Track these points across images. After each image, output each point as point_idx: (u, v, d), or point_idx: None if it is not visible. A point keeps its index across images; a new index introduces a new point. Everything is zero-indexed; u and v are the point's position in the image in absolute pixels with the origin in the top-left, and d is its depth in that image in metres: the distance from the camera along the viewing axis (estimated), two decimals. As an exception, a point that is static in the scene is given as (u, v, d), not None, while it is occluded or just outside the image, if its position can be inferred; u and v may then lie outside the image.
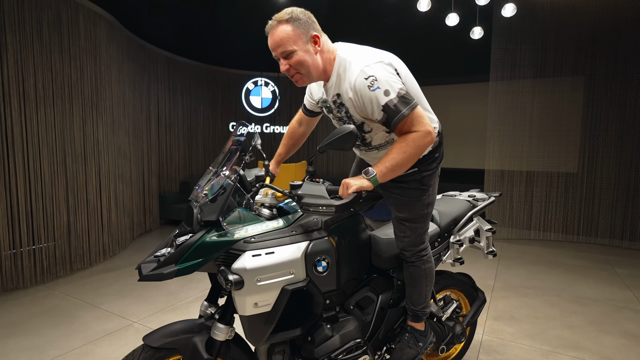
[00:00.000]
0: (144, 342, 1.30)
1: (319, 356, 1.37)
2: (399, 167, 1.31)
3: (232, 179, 1.27)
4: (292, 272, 1.25)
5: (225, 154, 1.42)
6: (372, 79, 1.27)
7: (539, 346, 2.50)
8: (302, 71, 1.35)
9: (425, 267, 1.65)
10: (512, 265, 4.19)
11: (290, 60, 1.33)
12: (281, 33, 1.31)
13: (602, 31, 4.92)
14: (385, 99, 1.27)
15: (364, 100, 1.30)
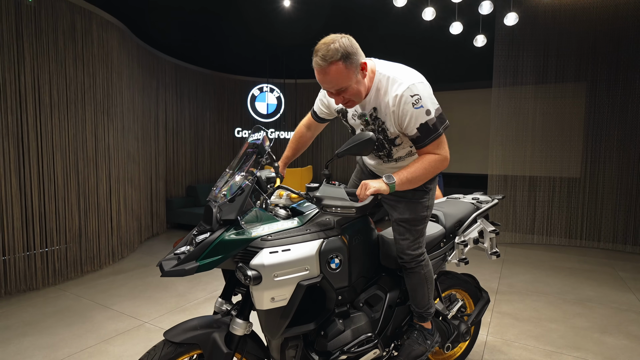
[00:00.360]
0: (165, 337, 1.36)
1: (332, 349, 1.43)
2: (416, 181, 1.42)
3: (249, 180, 1.35)
4: (307, 269, 1.32)
5: (241, 156, 1.49)
6: (417, 97, 1.36)
7: (543, 347, 2.55)
8: (355, 99, 1.42)
9: (424, 271, 1.69)
10: (516, 269, 4.23)
11: (345, 94, 1.39)
12: (335, 73, 1.33)
13: (602, 38, 5.00)
14: (425, 118, 1.38)
15: (406, 115, 1.38)
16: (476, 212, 2.21)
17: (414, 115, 1.38)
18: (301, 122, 1.91)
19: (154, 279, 3.85)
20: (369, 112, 1.50)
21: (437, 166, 1.43)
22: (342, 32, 1.43)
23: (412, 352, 1.73)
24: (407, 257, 1.65)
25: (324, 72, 1.34)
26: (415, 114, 1.37)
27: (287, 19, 5.90)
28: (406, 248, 1.65)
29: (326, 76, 1.35)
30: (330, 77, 1.34)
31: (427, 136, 1.40)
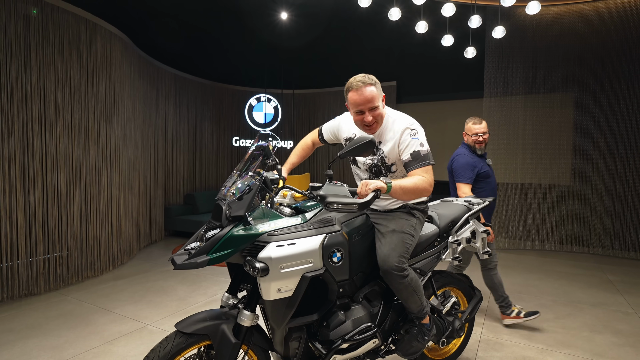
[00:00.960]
0: (176, 328, 1.44)
1: (334, 338, 1.52)
2: (406, 191, 1.61)
3: (256, 180, 1.45)
4: (311, 261, 1.42)
5: (247, 158, 1.60)
6: (414, 132, 1.72)
7: (535, 345, 2.64)
8: (379, 120, 1.74)
9: (412, 283, 1.72)
10: (509, 273, 4.34)
11: (374, 113, 1.70)
12: (370, 93, 1.67)
13: (588, 51, 5.22)
14: (418, 148, 1.69)
15: (405, 142, 1.70)
16: (468, 213, 2.32)
17: (411, 144, 1.70)
18: (307, 136, 2.17)
19: (154, 284, 3.90)
20: (375, 142, 1.69)
21: (424, 186, 1.65)
22: (339, 44, 1.60)
23: (410, 348, 1.81)
24: (385, 267, 1.66)
25: (362, 90, 1.67)
26: (411, 143, 1.70)
27: (284, 31, 6.07)
28: (387, 257, 1.67)
29: (363, 94, 1.67)
30: (366, 95, 1.66)
31: (417, 161, 1.68)
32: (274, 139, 1.64)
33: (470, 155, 2.88)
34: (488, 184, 2.90)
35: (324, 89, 7.72)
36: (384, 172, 1.83)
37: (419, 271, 2.03)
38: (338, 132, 1.98)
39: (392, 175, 1.81)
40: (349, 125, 1.92)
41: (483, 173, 2.86)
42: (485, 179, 2.89)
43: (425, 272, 2.06)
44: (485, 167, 2.89)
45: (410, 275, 1.69)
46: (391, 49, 6.41)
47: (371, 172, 1.88)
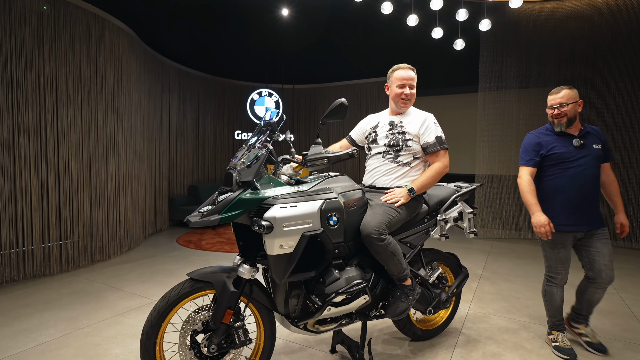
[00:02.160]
0: (188, 276, 1.65)
1: (329, 293, 1.71)
2: (428, 184, 2.07)
3: (264, 151, 1.64)
4: (310, 222, 1.61)
5: (256, 133, 1.79)
6: (436, 122, 2.15)
7: (518, 318, 2.82)
8: (412, 98, 2.16)
9: (389, 247, 1.88)
10: (500, 259, 4.52)
11: (412, 90, 2.15)
12: (413, 74, 2.16)
13: (580, 46, 5.38)
14: (441, 134, 2.12)
15: (430, 128, 2.10)
16: (455, 194, 2.50)
17: (435, 129, 2.11)
18: (337, 143, 2.47)
19: (161, 267, 4.09)
20: (397, 121, 2.18)
21: (441, 172, 2.07)
22: (338, 40, 1.83)
23: (397, 308, 1.99)
24: (365, 232, 1.83)
25: (408, 71, 2.16)
26: (435, 129, 2.11)
27: (285, 27, 6.24)
28: (368, 224, 1.84)
29: (408, 73, 2.15)
30: (410, 74, 2.15)
31: (440, 144, 2.09)
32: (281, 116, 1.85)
33: (539, 134, 2.36)
34: (563, 170, 2.24)
35: (324, 84, 7.89)
36: (400, 144, 2.11)
37: (409, 244, 2.21)
38: (365, 127, 2.33)
39: (407, 149, 2.11)
40: (372, 119, 2.33)
41: (554, 155, 2.26)
42: (559, 164, 2.25)
43: (414, 245, 2.23)
44: (561, 148, 2.25)
45: (388, 240, 1.86)
46: (389, 45, 6.57)
47: (389, 145, 2.15)
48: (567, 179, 2.24)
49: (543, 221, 2.19)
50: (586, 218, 2.24)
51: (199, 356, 1.68)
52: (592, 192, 2.25)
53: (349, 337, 2.18)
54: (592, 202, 2.25)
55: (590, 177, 2.22)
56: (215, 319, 1.64)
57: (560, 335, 2.38)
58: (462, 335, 2.55)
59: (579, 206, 2.22)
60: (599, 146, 2.26)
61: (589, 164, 2.22)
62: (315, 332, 1.86)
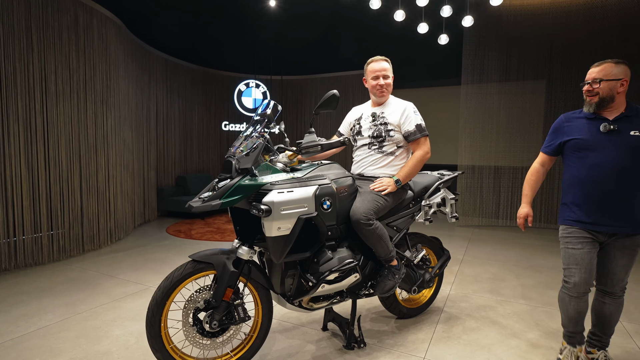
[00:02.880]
0: (190, 257, 1.76)
1: (323, 271, 1.85)
2: (412, 173, 2.21)
3: (262, 140, 1.75)
4: (305, 206, 1.74)
5: (252, 123, 1.90)
6: (416, 111, 2.28)
7: (495, 297, 3.03)
8: (387, 88, 2.28)
9: (377, 231, 2.04)
10: (480, 245, 4.76)
11: (386, 81, 2.26)
12: (386, 65, 2.27)
13: (557, 41, 5.61)
14: (421, 122, 2.25)
15: (410, 117, 2.22)
16: (439, 181, 2.66)
17: (414, 118, 2.23)
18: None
19: (153, 255, 4.16)
20: (379, 112, 2.30)
21: (423, 159, 2.21)
22: (326, 33, 1.95)
23: (385, 286, 2.15)
24: (354, 217, 1.97)
25: (381, 63, 2.26)
26: (415, 117, 2.23)
27: (273, 18, 6.28)
28: (357, 210, 1.98)
29: (381, 64, 2.25)
30: (383, 65, 2.25)
31: (421, 132, 2.22)
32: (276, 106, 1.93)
33: (569, 116, 1.97)
34: (582, 160, 1.86)
35: (312, 75, 7.96)
36: (383, 135, 2.24)
37: (396, 228, 2.37)
38: (350, 120, 2.45)
39: (390, 139, 2.24)
40: (355, 111, 2.46)
41: (573, 142, 1.88)
42: (579, 151, 1.87)
43: (401, 229, 2.39)
44: (584, 133, 1.85)
45: (375, 225, 2.01)
46: (373, 38, 6.69)
47: (373, 136, 2.27)
48: (585, 169, 1.85)
49: (520, 213, 2.12)
50: (608, 218, 1.81)
51: (201, 332, 1.80)
52: (619, 188, 1.78)
53: (340, 315, 2.34)
54: (619, 199, 1.79)
55: (615, 170, 1.77)
56: (217, 297, 1.76)
57: (569, 348, 1.99)
58: (444, 313, 2.74)
59: (600, 203, 1.82)
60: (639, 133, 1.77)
61: (616, 154, 1.77)
62: (309, 309, 2.00)
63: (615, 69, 1.80)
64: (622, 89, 1.80)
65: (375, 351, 2.19)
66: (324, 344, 2.27)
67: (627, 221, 1.81)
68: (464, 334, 2.42)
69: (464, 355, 2.15)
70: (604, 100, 1.81)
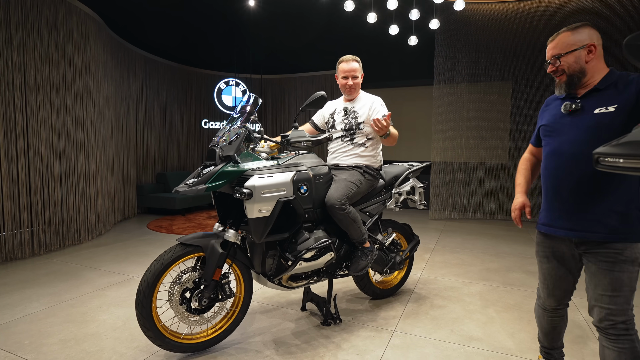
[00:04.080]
0: (178, 241, 1.90)
1: (300, 250, 2.02)
2: (394, 139, 2.32)
3: (243, 130, 1.91)
4: (284, 190, 1.91)
5: (235, 115, 2.05)
6: (382, 104, 2.46)
7: (462, 279, 3.29)
8: (356, 88, 2.46)
9: (350, 215, 2.22)
10: (451, 236, 5.04)
11: (354, 80, 2.43)
12: (355, 65, 2.41)
13: (522, 44, 5.98)
14: (385, 112, 2.37)
15: (377, 108, 2.39)
16: (408, 171, 2.88)
17: (382, 110, 2.39)
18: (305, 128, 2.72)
19: (134, 249, 4.22)
20: (351, 107, 2.48)
21: (395, 138, 2.35)
22: (304, 32, 2.11)
23: (358, 266, 2.34)
24: (329, 203, 2.14)
25: (350, 63, 2.41)
26: (381, 109, 2.40)
27: (252, 17, 6.40)
28: (332, 195, 2.16)
29: (350, 65, 2.41)
30: (351, 66, 2.41)
31: None
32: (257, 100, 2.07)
33: (549, 99, 1.64)
34: (548, 144, 1.55)
35: (291, 74, 8.12)
36: (354, 128, 2.42)
37: (368, 214, 2.57)
38: (325, 114, 2.62)
39: (360, 132, 2.42)
40: (329, 106, 2.62)
41: (541, 129, 1.60)
42: (544, 138, 1.58)
43: (373, 215, 2.59)
44: (548, 117, 1.56)
45: (348, 210, 2.20)
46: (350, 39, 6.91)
47: (345, 129, 2.44)
48: (545, 160, 1.57)
49: (515, 204, 1.66)
50: (575, 219, 1.44)
51: (189, 310, 1.95)
52: (579, 181, 1.42)
53: (318, 295, 2.51)
54: (579, 195, 1.42)
55: (572, 158, 1.43)
56: (207, 277, 1.90)
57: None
58: (414, 293, 2.96)
59: (556, 200, 1.49)
60: (610, 109, 1.37)
61: (573, 137, 1.44)
62: (289, 287, 2.17)
63: (573, 37, 1.44)
64: (591, 56, 1.42)
65: (349, 327, 2.38)
66: (302, 322, 2.44)
67: (592, 223, 1.39)
68: (431, 310, 2.64)
69: (430, 329, 2.37)
70: (572, 77, 1.46)
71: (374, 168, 2.51)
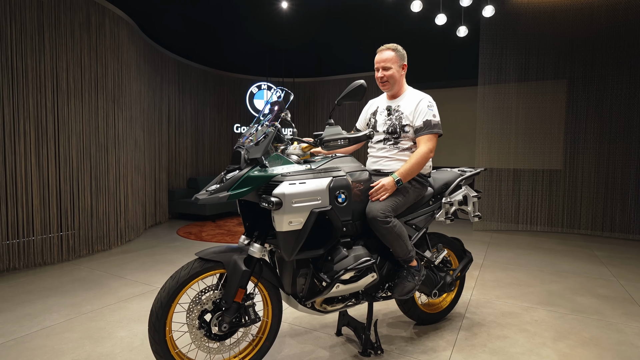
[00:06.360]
0: (197, 255, 1.64)
1: (337, 270, 1.71)
2: (413, 171, 1.97)
3: (272, 129, 1.63)
4: (319, 199, 1.61)
5: (263, 112, 1.79)
6: (431, 104, 2.08)
7: (520, 303, 2.85)
8: (390, 80, 2.09)
9: (395, 229, 1.90)
10: (500, 249, 4.55)
11: (385, 72, 2.08)
12: (387, 55, 2.08)
13: (579, 39, 5.40)
14: (430, 117, 2.03)
15: (421, 110, 2.05)
16: (460, 178, 2.51)
17: (425, 112, 2.04)
18: None
19: (162, 256, 4.08)
20: (394, 106, 2.15)
21: (425, 156, 1.99)
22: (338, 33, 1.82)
23: (404, 288, 2.00)
24: (371, 215, 1.84)
25: (382, 53, 2.09)
26: (426, 111, 2.04)
27: (285, 19, 6.22)
28: (374, 207, 1.87)
29: (381, 55, 2.09)
30: (382, 56, 2.08)
31: (427, 128, 2.02)
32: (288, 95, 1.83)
33: None
34: None
35: (324, 77, 7.88)
36: (398, 131, 2.10)
37: (415, 226, 2.22)
38: (366, 115, 2.32)
39: (405, 135, 2.10)
40: (371, 105, 2.32)
41: None
42: None
43: (420, 228, 2.24)
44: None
45: (393, 223, 1.87)
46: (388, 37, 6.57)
47: (387, 132, 2.12)
48: None
49: None
50: None
51: (209, 335, 1.68)
52: None
53: (355, 319, 2.19)
54: None
55: None
56: (228, 299, 1.63)
57: None
58: (465, 319, 2.57)
59: None
60: None
61: None
62: (323, 311, 1.87)
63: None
64: None
65: (393, 358, 2.03)
66: (338, 350, 2.13)
67: None
68: (489, 341, 2.25)
69: (491, 365, 1.98)
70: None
71: (422, 174, 2.17)
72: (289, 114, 1.81)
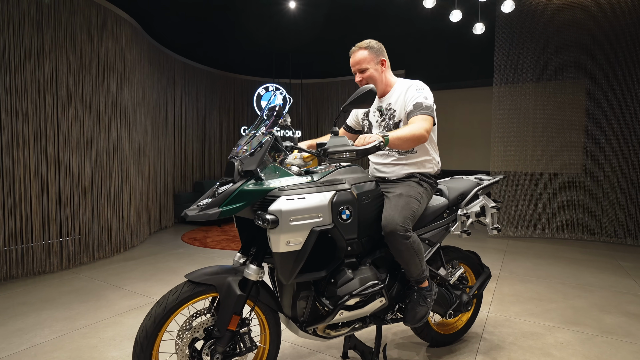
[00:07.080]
0: (186, 278, 1.48)
1: (341, 294, 1.53)
2: (403, 140, 1.64)
3: (269, 137, 1.46)
4: (320, 216, 1.43)
5: (260, 118, 1.62)
6: (419, 87, 1.84)
7: (542, 322, 2.63)
8: (369, 81, 1.89)
9: (414, 245, 1.70)
10: (518, 259, 4.31)
11: (363, 75, 1.89)
12: (360, 56, 1.88)
13: (600, 36, 5.12)
14: (421, 99, 1.78)
15: (410, 97, 1.82)
16: (477, 187, 2.31)
17: (415, 96, 1.81)
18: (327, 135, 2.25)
19: (164, 265, 3.95)
20: (385, 105, 1.96)
21: (420, 132, 1.68)
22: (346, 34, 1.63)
23: (416, 314, 1.80)
24: (389, 228, 1.64)
25: (354, 54, 1.90)
26: (415, 95, 1.81)
27: (292, 20, 6.07)
28: (393, 218, 1.66)
29: (354, 58, 1.90)
30: (355, 58, 1.89)
31: (418, 110, 1.77)
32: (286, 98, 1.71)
33: None
34: None
35: (332, 78, 7.71)
36: (392, 130, 1.89)
37: (428, 241, 2.03)
38: (357, 114, 2.16)
39: None
40: None
41: None
42: None
43: (434, 242, 2.05)
44: None
45: (413, 238, 1.68)
46: (399, 36, 6.37)
47: None
48: None
49: None
50: None
51: (200, 365, 1.52)
52: None
53: (362, 343, 2.01)
54: None
55: None
56: (221, 326, 1.47)
57: None
58: (483, 340, 2.36)
59: None
60: None
61: None
62: (326, 337, 1.69)
63: None
64: None
65: (404, 388, 1.85)
66: (343, 376, 1.95)
67: None
68: (510, 368, 2.04)
69: (513, 398, 1.78)
70: None
71: (430, 174, 1.97)
72: (289, 117, 1.63)
